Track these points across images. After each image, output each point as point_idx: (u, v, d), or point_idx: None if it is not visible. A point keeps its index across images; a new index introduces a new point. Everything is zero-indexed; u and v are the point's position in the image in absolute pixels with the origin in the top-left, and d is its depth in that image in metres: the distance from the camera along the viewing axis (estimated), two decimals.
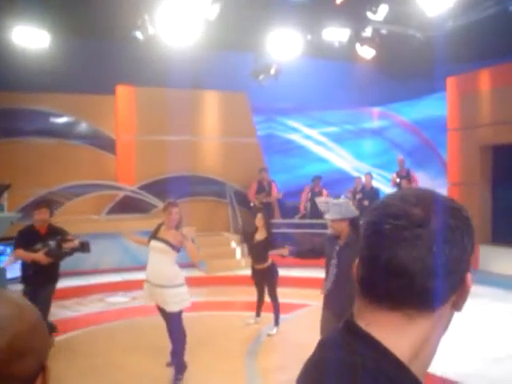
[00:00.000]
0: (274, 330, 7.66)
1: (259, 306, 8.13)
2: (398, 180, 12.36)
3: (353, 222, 4.91)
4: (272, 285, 7.82)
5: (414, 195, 0.95)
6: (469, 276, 0.95)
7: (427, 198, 0.94)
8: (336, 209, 5.06)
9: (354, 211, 5.12)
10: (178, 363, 5.83)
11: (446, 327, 0.98)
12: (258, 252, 7.88)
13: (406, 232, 0.89)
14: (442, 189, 12.58)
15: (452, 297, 0.94)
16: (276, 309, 7.77)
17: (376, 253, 0.91)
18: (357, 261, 0.98)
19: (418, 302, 0.91)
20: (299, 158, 15.46)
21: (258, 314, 8.15)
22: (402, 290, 0.90)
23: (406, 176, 12.45)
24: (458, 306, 0.96)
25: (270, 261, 7.79)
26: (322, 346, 0.99)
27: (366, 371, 0.87)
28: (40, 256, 6.14)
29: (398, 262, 0.89)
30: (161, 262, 5.80)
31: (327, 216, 5.23)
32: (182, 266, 6.05)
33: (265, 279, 7.82)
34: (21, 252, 6.24)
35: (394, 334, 0.91)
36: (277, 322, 7.73)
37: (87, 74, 11.83)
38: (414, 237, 0.89)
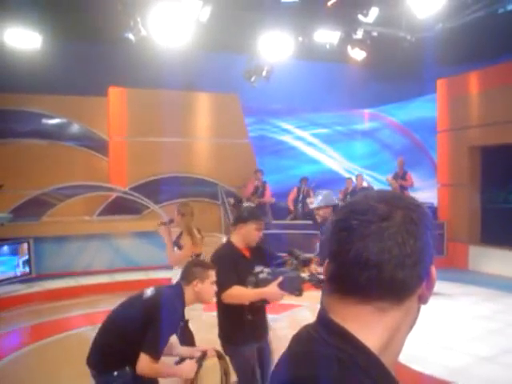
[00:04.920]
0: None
1: None
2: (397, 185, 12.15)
3: (335, 209, 5.46)
4: None
5: (376, 193, 1.02)
6: (433, 269, 1.00)
7: (389, 195, 1.01)
8: (319, 198, 5.67)
9: (334, 200, 5.85)
10: None
11: (413, 321, 1.02)
12: None
13: (373, 225, 0.94)
14: (432, 190, 12.67)
15: (418, 289, 0.98)
16: None
17: (345, 247, 0.95)
18: (327, 261, 1.02)
19: (387, 294, 0.95)
20: (291, 160, 15.51)
21: None
22: (370, 281, 0.93)
23: (402, 177, 12.45)
24: (424, 298, 1.00)
25: None
26: (296, 340, 1.01)
27: (340, 363, 0.90)
28: (276, 291, 3.67)
29: (367, 254, 0.93)
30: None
31: (314, 206, 5.77)
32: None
33: None
34: (245, 290, 3.74)
35: (365, 326, 0.95)
36: None
37: (79, 75, 11.84)
38: (381, 229, 0.94)
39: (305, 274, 3.77)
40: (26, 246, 9.97)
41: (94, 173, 12.47)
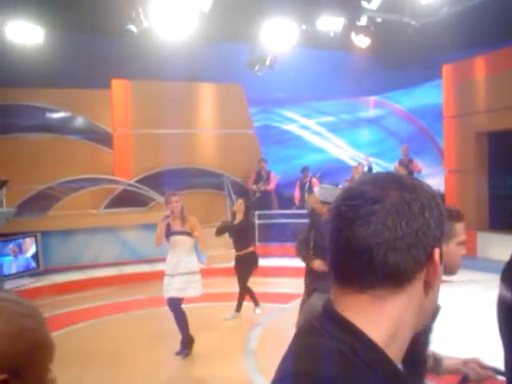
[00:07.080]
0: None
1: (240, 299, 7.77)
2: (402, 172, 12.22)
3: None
4: (246, 273, 7.53)
5: (371, 177, 0.98)
6: (437, 252, 0.93)
7: (385, 178, 0.96)
8: (321, 191, 5.42)
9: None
10: (184, 339, 6.08)
11: (423, 309, 0.96)
12: (236, 237, 7.77)
13: (361, 210, 0.91)
14: (439, 176, 12.59)
15: (419, 274, 0.92)
16: (241, 296, 7.65)
17: (336, 235, 0.94)
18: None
19: (382, 280, 0.90)
20: (296, 149, 15.43)
21: (237, 309, 7.75)
22: (363, 267, 0.90)
23: (407, 164, 12.38)
24: (430, 285, 0.94)
25: (250, 248, 7.67)
26: (301, 332, 0.99)
27: (342, 356, 0.87)
28: None
29: (355, 240, 0.90)
30: (179, 252, 6.13)
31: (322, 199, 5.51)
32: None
33: (242, 266, 7.56)
34: None
35: (367, 316, 0.91)
36: (238, 308, 7.66)
37: (82, 68, 11.79)
38: (369, 213, 0.90)
39: None
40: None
41: (98, 166, 12.45)
